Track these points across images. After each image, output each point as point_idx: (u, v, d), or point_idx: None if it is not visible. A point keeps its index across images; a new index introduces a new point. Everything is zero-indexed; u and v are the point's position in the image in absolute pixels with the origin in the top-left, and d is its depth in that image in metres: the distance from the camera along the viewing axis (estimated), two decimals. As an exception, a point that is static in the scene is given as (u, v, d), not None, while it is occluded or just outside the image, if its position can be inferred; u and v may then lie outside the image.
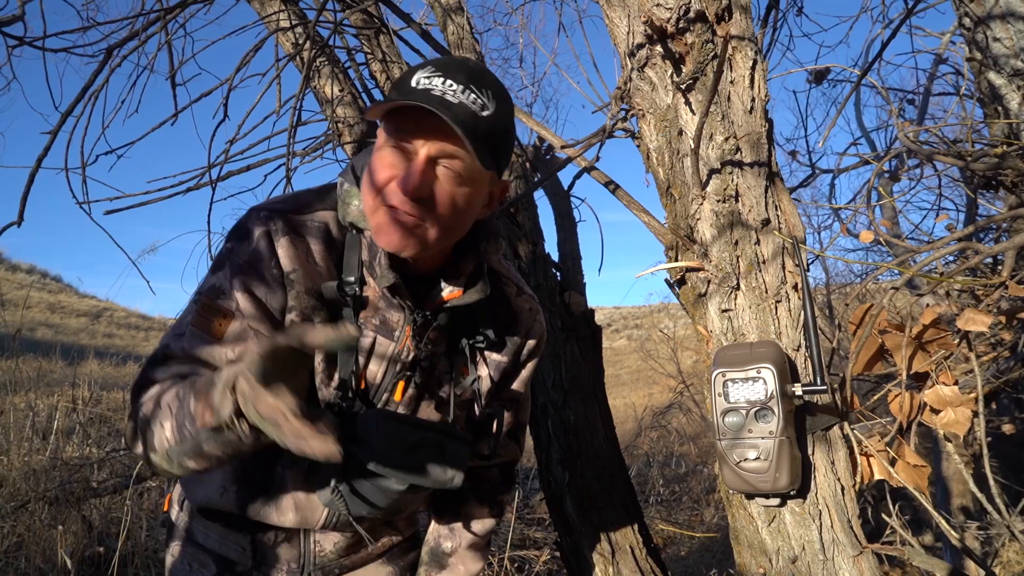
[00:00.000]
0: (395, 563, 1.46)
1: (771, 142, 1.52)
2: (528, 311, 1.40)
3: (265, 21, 2.56)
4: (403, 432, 1.14)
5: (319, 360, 1.18)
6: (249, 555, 1.29)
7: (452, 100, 1.06)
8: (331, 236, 1.20)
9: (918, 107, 4.45)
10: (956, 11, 2.71)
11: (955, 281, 1.56)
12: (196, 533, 1.33)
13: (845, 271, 8.28)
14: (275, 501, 1.25)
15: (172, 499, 1.42)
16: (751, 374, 1.33)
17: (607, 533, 2.36)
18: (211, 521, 1.30)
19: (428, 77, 1.09)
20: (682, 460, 7.90)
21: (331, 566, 1.35)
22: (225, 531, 1.30)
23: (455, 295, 1.22)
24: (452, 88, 1.08)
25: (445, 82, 1.08)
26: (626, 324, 31.29)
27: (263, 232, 1.14)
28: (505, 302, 1.37)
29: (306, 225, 1.18)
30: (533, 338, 1.41)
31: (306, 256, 1.16)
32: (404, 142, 1.09)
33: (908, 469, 1.44)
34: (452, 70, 1.10)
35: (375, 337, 1.21)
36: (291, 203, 1.21)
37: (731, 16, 1.48)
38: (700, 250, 1.51)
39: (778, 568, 1.43)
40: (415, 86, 1.08)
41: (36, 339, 12.75)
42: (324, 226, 1.20)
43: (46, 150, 2.15)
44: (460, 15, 2.66)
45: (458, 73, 1.10)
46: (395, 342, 1.22)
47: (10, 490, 3.84)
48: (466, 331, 1.31)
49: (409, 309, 1.20)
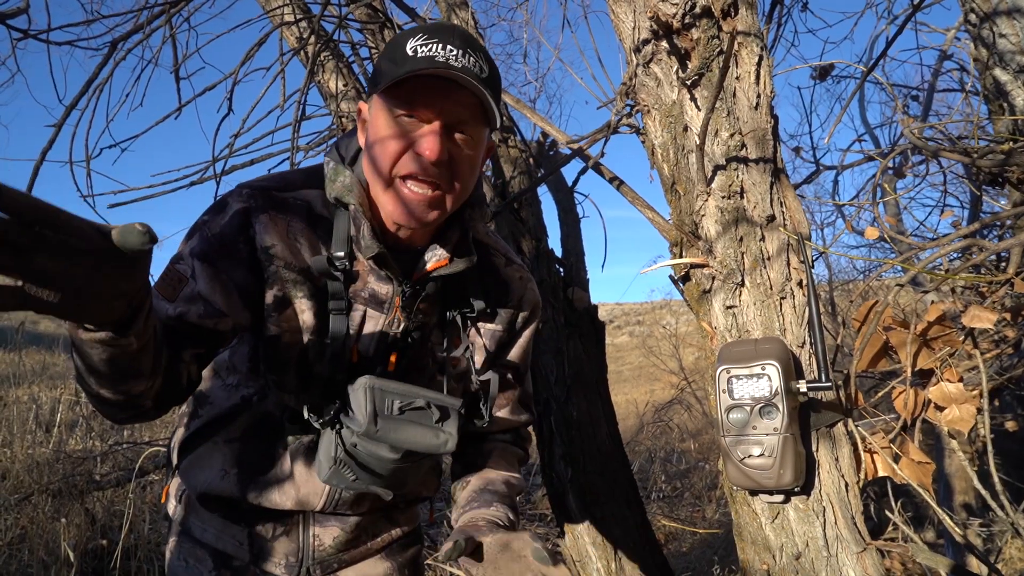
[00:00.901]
0: (394, 558, 1.45)
1: (776, 138, 1.52)
2: (519, 279, 1.39)
3: (270, 15, 2.55)
4: (391, 399, 1.14)
5: (310, 337, 1.19)
6: (247, 549, 1.29)
7: (457, 65, 1.07)
8: (314, 213, 1.20)
9: (923, 103, 4.43)
10: (962, 7, 2.69)
11: (960, 278, 1.56)
12: (192, 527, 1.32)
13: (849, 268, 8.26)
14: (276, 483, 1.24)
15: (169, 492, 1.40)
16: (756, 371, 1.33)
17: (609, 529, 2.37)
18: (210, 512, 1.29)
19: (425, 44, 1.08)
20: (684, 456, 7.90)
21: (330, 560, 1.34)
22: (223, 524, 1.29)
23: (441, 263, 1.22)
24: (454, 54, 1.08)
25: (445, 48, 1.08)
26: (628, 320, 31.26)
27: (241, 208, 1.15)
28: (495, 272, 1.37)
29: (287, 202, 1.19)
30: (527, 306, 1.40)
31: (287, 231, 1.17)
32: (416, 111, 1.09)
33: (912, 466, 1.44)
34: (446, 35, 1.10)
35: (365, 310, 1.21)
36: (276, 180, 1.22)
37: (737, 12, 1.47)
38: (705, 246, 1.51)
39: (782, 564, 1.43)
40: (414, 54, 1.08)
41: (39, 332, 12.76)
42: (306, 204, 1.20)
43: (50, 143, 2.15)
44: (464, 10, 2.66)
45: (453, 38, 1.10)
46: (385, 314, 1.22)
47: (13, 483, 3.85)
48: (457, 302, 1.30)
49: (397, 280, 1.20)
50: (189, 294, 1.10)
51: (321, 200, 1.22)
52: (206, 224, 1.16)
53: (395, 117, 1.10)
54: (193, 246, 1.14)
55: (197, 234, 1.16)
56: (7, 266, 0.62)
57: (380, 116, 1.13)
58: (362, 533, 1.37)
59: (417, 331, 1.26)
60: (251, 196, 1.16)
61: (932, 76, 4.37)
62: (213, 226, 1.15)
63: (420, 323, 1.26)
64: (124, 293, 0.76)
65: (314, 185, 1.23)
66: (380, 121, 1.13)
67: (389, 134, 1.11)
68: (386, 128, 1.12)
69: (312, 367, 1.20)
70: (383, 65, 1.14)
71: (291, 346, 1.19)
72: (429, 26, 1.13)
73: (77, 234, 0.67)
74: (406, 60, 1.08)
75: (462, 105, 1.11)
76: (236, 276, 1.14)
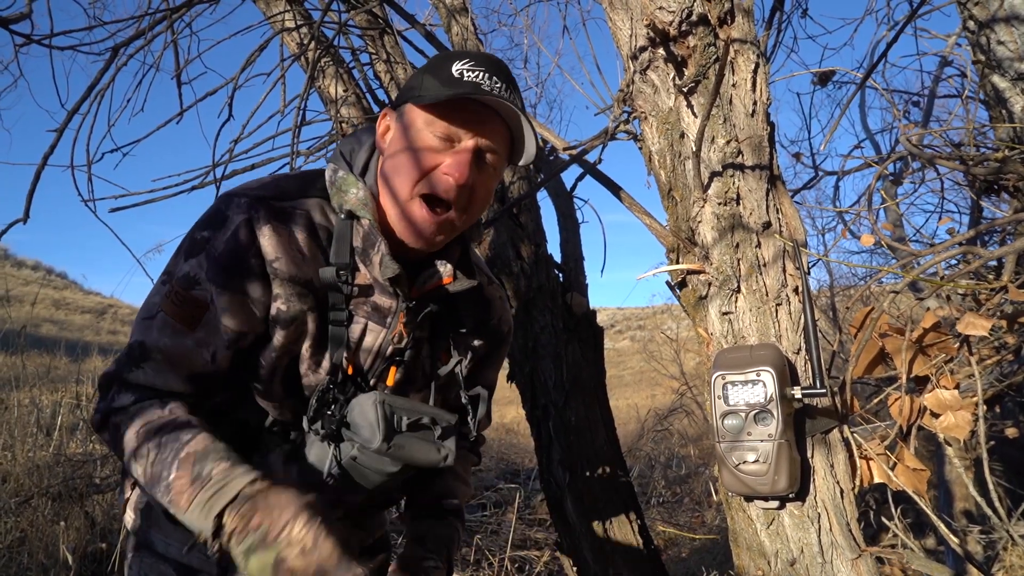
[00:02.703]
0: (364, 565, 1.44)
1: (772, 145, 1.52)
2: (499, 299, 1.44)
3: (271, 21, 2.57)
4: (400, 415, 1.15)
5: (307, 346, 1.18)
6: (214, 562, 1.21)
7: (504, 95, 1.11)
8: (314, 224, 1.18)
9: (923, 109, 4.43)
10: (960, 14, 2.70)
11: (957, 285, 1.56)
12: (155, 542, 1.26)
13: (848, 274, 8.26)
14: None
15: (128, 506, 1.33)
16: (751, 377, 1.33)
17: (608, 534, 2.36)
18: (174, 525, 1.21)
19: (472, 70, 1.11)
20: (684, 462, 7.89)
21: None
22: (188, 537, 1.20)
23: (447, 280, 1.23)
24: (498, 86, 1.12)
25: (492, 78, 1.12)
26: (629, 325, 31.26)
27: (244, 220, 1.12)
28: (479, 290, 1.38)
29: (287, 212, 1.16)
30: (504, 326, 1.46)
31: (289, 244, 1.14)
32: (456, 128, 1.11)
33: (908, 473, 1.44)
34: (492, 67, 1.13)
35: (366, 323, 1.21)
36: (272, 190, 1.18)
37: (733, 20, 1.48)
38: (701, 252, 1.52)
39: (776, 570, 1.44)
40: (460, 77, 1.10)
41: (40, 335, 12.79)
42: (307, 214, 1.18)
43: (52, 148, 2.16)
44: (464, 16, 2.67)
45: (498, 71, 1.13)
46: (388, 328, 1.22)
47: (14, 486, 3.86)
48: (447, 318, 1.31)
49: (402, 296, 1.20)
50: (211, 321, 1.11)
51: (321, 208, 1.20)
52: (209, 242, 1.12)
53: (429, 134, 1.12)
54: (206, 269, 1.11)
55: (203, 254, 1.12)
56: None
57: (412, 130, 1.13)
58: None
59: (412, 346, 1.26)
60: (251, 207, 1.13)
61: (932, 82, 4.38)
62: (218, 243, 1.12)
63: (415, 337, 1.27)
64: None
65: (311, 193, 1.21)
66: (411, 135, 1.13)
67: (419, 149, 1.12)
68: (416, 143, 1.12)
69: (302, 378, 1.19)
70: (425, 81, 1.15)
71: (284, 356, 1.18)
72: (476, 53, 1.16)
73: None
74: (452, 81, 1.10)
75: (496, 133, 1.15)
76: (253, 292, 1.13)
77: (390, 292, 1.20)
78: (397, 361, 1.25)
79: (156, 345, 1.10)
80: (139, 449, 1.05)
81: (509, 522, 4.14)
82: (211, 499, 0.99)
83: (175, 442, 1.04)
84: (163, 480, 1.02)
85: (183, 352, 1.10)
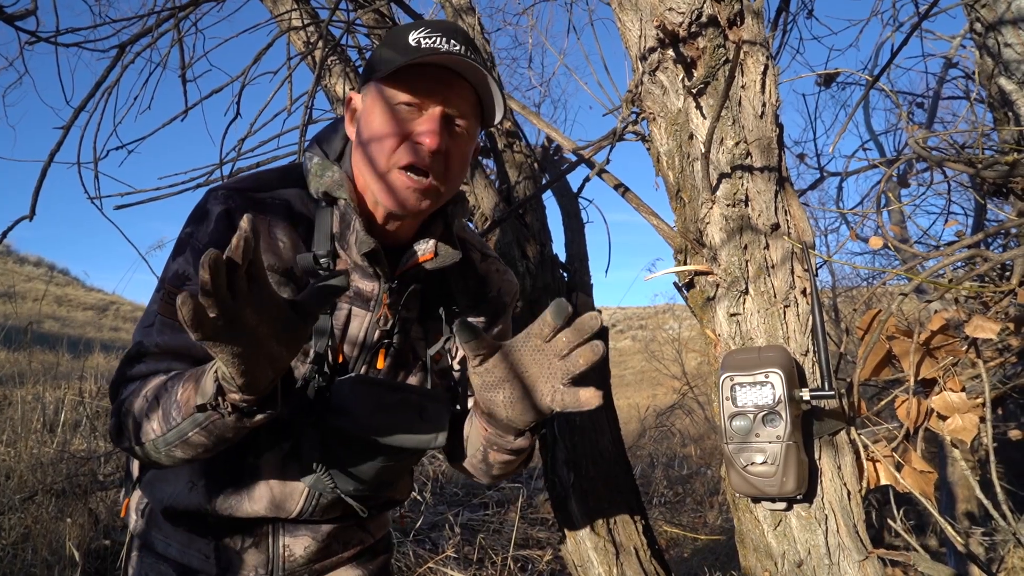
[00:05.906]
0: (365, 567, 1.42)
1: (781, 147, 1.52)
2: (495, 272, 1.41)
3: (277, 20, 2.57)
4: (381, 395, 1.14)
5: None
6: (213, 563, 1.23)
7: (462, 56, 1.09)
8: (294, 212, 1.19)
9: (928, 111, 4.43)
10: (967, 16, 2.70)
11: (963, 288, 1.56)
12: (155, 542, 1.26)
13: (852, 275, 8.26)
14: (247, 491, 1.20)
15: (129, 506, 1.34)
16: (759, 378, 1.33)
17: (611, 534, 2.37)
18: (174, 526, 1.24)
19: (428, 37, 1.09)
20: (685, 462, 7.89)
21: (300, 571, 1.30)
22: (188, 538, 1.23)
23: (428, 257, 1.22)
24: (457, 48, 1.10)
25: (449, 41, 1.10)
26: (631, 325, 31.25)
27: (222, 211, 1.13)
28: (472, 267, 1.37)
29: (266, 203, 1.17)
30: (506, 296, 1.42)
31: (268, 233, 1.15)
32: (418, 97, 1.10)
33: (914, 475, 1.45)
34: (447, 31, 1.11)
35: (350, 308, 1.20)
36: (251, 182, 1.20)
37: (743, 21, 1.48)
38: (709, 254, 1.52)
39: (783, 572, 1.44)
40: (417, 45, 1.08)
41: (43, 331, 12.81)
42: (285, 203, 1.18)
43: (58, 145, 2.17)
44: (470, 15, 2.67)
45: (455, 34, 1.12)
46: (371, 311, 1.21)
47: (17, 482, 3.87)
48: (439, 297, 1.30)
49: (384, 277, 1.20)
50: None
51: (300, 198, 1.20)
52: (192, 236, 1.13)
53: (394, 105, 1.10)
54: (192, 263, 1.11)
55: (188, 249, 1.13)
56: (224, 304, 0.77)
57: (378, 104, 1.12)
58: (333, 542, 1.33)
59: (399, 327, 1.25)
60: (228, 197, 1.14)
61: (937, 84, 4.38)
62: (201, 236, 1.13)
63: (402, 318, 1.25)
64: (279, 359, 0.89)
65: (291, 184, 1.21)
66: (378, 109, 1.12)
67: (387, 122, 1.11)
68: (384, 116, 1.11)
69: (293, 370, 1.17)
70: (383, 54, 1.14)
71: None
72: (431, 21, 1.15)
73: (270, 301, 0.85)
74: (409, 49, 1.09)
75: (462, 97, 1.12)
76: None
77: (371, 274, 1.19)
78: (386, 344, 1.24)
79: (155, 342, 1.11)
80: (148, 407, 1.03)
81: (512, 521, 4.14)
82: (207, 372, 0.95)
83: (179, 379, 1.01)
84: (172, 412, 0.99)
85: (183, 344, 1.10)
